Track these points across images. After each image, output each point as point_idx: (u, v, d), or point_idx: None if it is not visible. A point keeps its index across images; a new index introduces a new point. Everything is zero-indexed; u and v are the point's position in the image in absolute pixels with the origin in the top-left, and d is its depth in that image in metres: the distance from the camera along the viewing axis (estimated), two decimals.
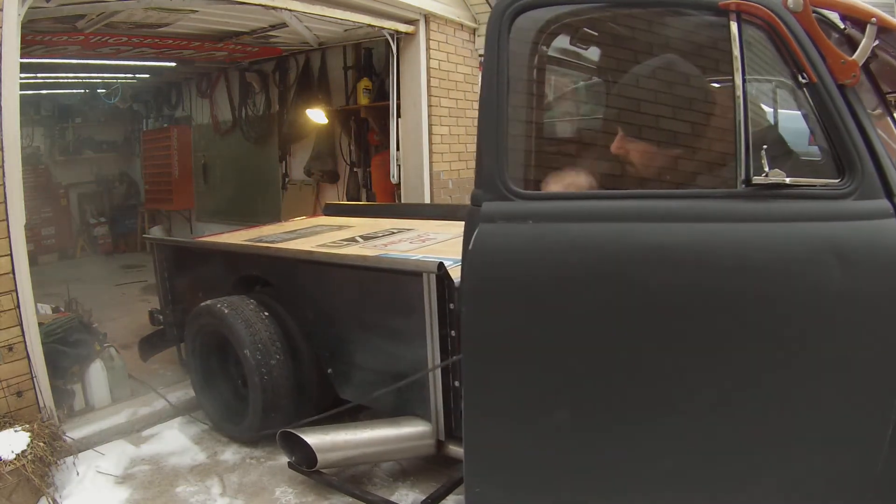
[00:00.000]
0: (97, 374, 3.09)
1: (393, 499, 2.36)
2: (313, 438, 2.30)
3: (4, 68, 2.46)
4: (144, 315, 4.98)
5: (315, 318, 2.72)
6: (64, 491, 2.43)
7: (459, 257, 2.38)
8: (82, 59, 5.58)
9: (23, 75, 3.15)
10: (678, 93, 1.47)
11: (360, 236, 3.27)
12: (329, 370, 2.68)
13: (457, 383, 2.16)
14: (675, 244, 1.32)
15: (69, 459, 2.52)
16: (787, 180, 1.27)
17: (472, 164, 5.78)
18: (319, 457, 2.28)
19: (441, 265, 2.13)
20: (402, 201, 4.90)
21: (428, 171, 4.80)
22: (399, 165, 4.88)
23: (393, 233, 3.33)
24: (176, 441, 2.91)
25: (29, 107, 7.19)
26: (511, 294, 1.43)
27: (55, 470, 2.43)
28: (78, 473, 2.52)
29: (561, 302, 1.40)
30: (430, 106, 4.75)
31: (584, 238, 1.37)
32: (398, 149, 4.87)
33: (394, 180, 4.93)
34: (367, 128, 5.60)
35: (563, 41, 1.65)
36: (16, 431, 2.35)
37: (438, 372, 2.18)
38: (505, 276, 1.43)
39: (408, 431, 2.30)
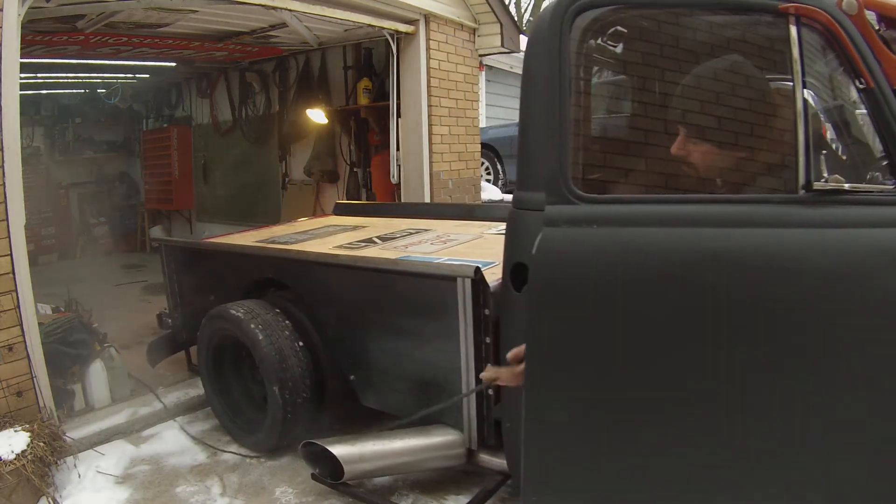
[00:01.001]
0: (97, 374, 3.09)
1: None
2: (339, 449, 2.20)
3: (4, 68, 2.46)
4: (144, 315, 5.01)
5: (337, 323, 2.63)
6: (64, 491, 2.43)
7: (487, 260, 2.39)
8: (82, 59, 5.59)
9: (23, 75, 3.15)
10: (740, 94, 1.45)
11: (378, 237, 3.21)
12: (351, 377, 2.58)
13: (490, 392, 2.09)
14: (740, 249, 1.30)
15: (69, 459, 2.52)
16: (847, 186, 1.26)
17: (472, 164, 5.79)
18: (346, 468, 2.19)
19: (478, 269, 2.05)
20: (402, 201, 4.89)
21: (428, 171, 4.80)
22: (399, 165, 4.88)
23: (411, 233, 3.26)
24: (176, 441, 2.91)
25: (29, 107, 7.19)
26: (578, 301, 1.40)
27: (55, 470, 2.43)
28: (79, 474, 2.52)
29: (628, 308, 1.37)
30: (430, 106, 4.75)
31: (649, 243, 1.35)
32: (398, 149, 4.87)
33: (394, 180, 4.93)
34: (367, 128, 5.60)
35: (620, 40, 1.62)
36: (16, 431, 2.35)
37: (472, 380, 2.10)
38: (572, 282, 1.40)
39: (438, 441, 2.22)
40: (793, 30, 1.29)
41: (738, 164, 1.47)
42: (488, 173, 7.14)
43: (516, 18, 9.71)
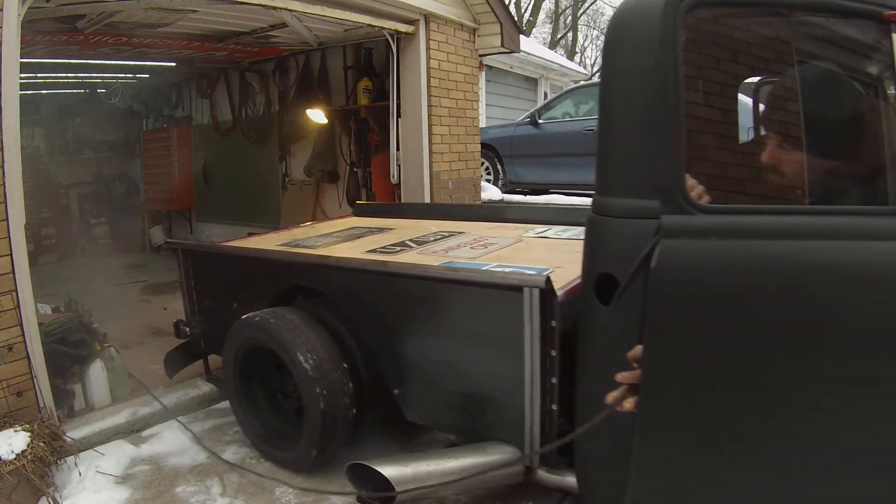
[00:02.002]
0: (97, 374, 3.09)
1: None
2: (391, 470, 2.04)
3: (4, 68, 2.46)
4: (144, 315, 5.02)
5: (380, 334, 2.44)
6: (64, 491, 2.43)
7: (538, 266, 2.31)
8: (82, 59, 5.59)
9: (23, 75, 3.15)
10: (841, 103, 1.41)
11: (410, 241, 3.07)
12: (395, 391, 2.41)
13: (554, 406, 1.98)
14: (860, 263, 1.27)
15: (69, 459, 2.52)
16: None
17: (472, 164, 5.79)
18: (399, 489, 2.04)
19: (549, 279, 1.91)
20: (402, 201, 4.89)
21: (428, 171, 4.80)
22: (399, 165, 4.88)
23: (444, 237, 3.14)
24: (176, 441, 2.91)
25: (29, 107, 7.19)
26: (702, 316, 1.34)
27: (55, 470, 2.43)
28: (79, 474, 2.52)
29: (750, 325, 1.32)
30: (430, 106, 4.75)
31: (772, 256, 1.29)
32: (398, 149, 4.87)
33: (394, 180, 4.93)
34: (367, 128, 5.60)
35: (724, 40, 1.56)
36: (16, 431, 2.35)
37: (537, 395, 1.98)
38: (694, 297, 1.34)
39: (495, 459, 2.06)
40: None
41: (832, 174, 1.41)
42: (488, 173, 7.14)
43: (516, 18, 9.71)
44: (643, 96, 1.41)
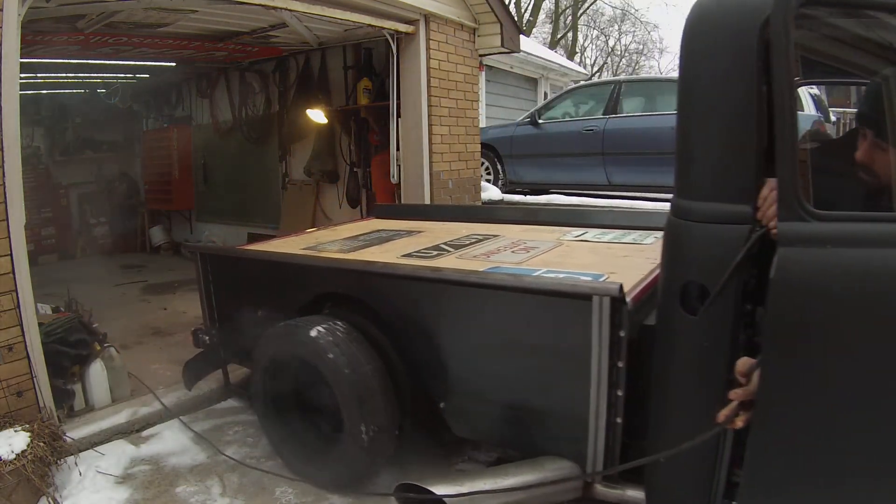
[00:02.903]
0: (97, 374, 3.09)
1: None
2: (446, 489, 1.95)
3: (4, 68, 2.46)
4: (144, 315, 5.02)
5: (427, 345, 2.30)
6: (64, 491, 2.43)
7: (592, 272, 2.22)
8: (82, 59, 5.59)
9: (23, 75, 3.16)
10: None
11: (445, 244, 2.94)
12: (441, 404, 2.29)
13: (618, 419, 1.89)
14: None
15: (69, 459, 2.52)
16: None
17: (472, 164, 5.78)
18: None
19: (622, 287, 1.81)
20: (402, 201, 4.89)
21: (428, 171, 4.80)
22: (399, 165, 4.88)
23: (479, 240, 3.04)
24: (176, 441, 2.91)
25: (29, 107, 7.19)
26: (824, 327, 1.30)
27: (55, 470, 2.43)
28: (80, 473, 2.52)
29: (869, 337, 1.28)
30: (430, 106, 4.75)
31: (888, 266, 1.25)
32: (398, 149, 4.87)
33: (394, 180, 4.93)
34: (367, 128, 5.60)
35: (826, 40, 1.52)
36: (16, 431, 2.36)
37: (603, 408, 1.89)
38: (817, 308, 1.30)
39: (554, 474, 1.98)
40: None
41: None
42: (488, 173, 7.14)
43: (516, 18, 9.71)
44: (745, 98, 1.35)
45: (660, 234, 2.87)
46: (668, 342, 1.63)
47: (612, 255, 2.65)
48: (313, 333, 2.35)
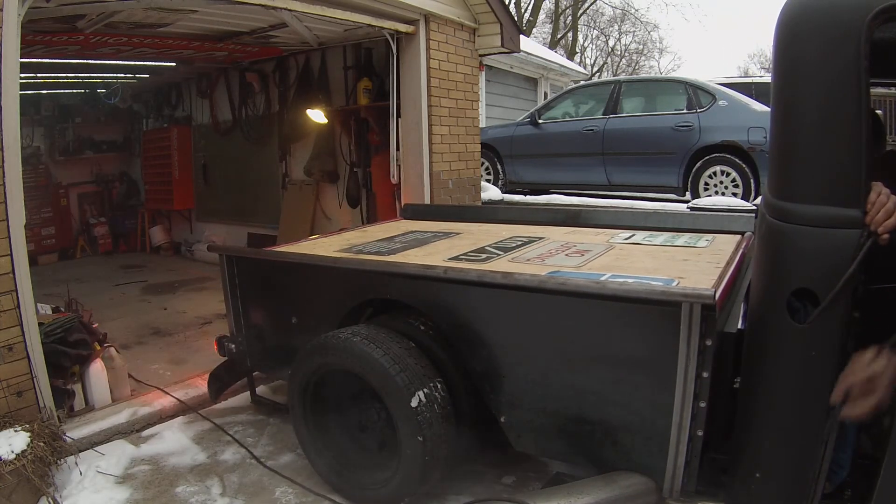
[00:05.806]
0: (97, 374, 3.09)
1: None
2: None
3: (4, 68, 2.46)
4: (144, 315, 5.02)
5: (488, 356, 2.16)
6: (64, 491, 2.43)
7: (661, 276, 2.12)
8: (82, 59, 5.59)
9: (23, 75, 3.16)
10: None
11: (491, 247, 2.83)
12: (502, 418, 2.18)
13: (699, 433, 1.80)
14: None
15: (69, 459, 2.52)
16: None
17: (472, 164, 5.78)
18: None
19: (715, 293, 1.71)
20: (402, 201, 4.89)
21: (428, 171, 4.80)
22: (399, 165, 4.88)
23: (524, 242, 2.93)
24: (176, 441, 2.91)
25: (29, 107, 7.20)
26: None
27: (55, 470, 2.43)
28: (80, 473, 2.52)
29: None
30: (430, 106, 4.75)
31: None
32: (398, 149, 4.87)
33: (394, 180, 4.93)
34: (367, 128, 5.60)
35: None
36: (16, 431, 2.35)
37: (686, 421, 1.80)
38: None
39: (629, 491, 1.90)
40: None
41: None
42: (488, 173, 7.14)
43: (516, 18, 9.71)
44: (856, 98, 1.31)
45: (712, 236, 2.80)
46: (768, 351, 1.55)
47: (671, 258, 2.53)
48: (365, 344, 2.21)
